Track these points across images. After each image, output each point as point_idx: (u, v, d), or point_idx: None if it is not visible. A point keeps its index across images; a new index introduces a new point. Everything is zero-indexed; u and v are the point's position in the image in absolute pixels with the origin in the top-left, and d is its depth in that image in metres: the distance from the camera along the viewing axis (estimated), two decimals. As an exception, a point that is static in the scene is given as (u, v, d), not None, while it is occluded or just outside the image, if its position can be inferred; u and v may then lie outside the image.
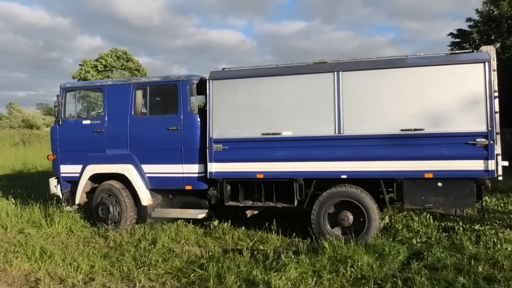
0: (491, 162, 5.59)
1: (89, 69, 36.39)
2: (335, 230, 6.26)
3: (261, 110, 6.45)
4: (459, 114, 5.71)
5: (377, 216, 6.08)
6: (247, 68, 6.79)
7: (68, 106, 7.72)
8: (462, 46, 22.42)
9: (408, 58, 6.08)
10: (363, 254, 5.28)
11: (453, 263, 5.03)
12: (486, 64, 5.64)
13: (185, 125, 6.81)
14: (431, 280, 4.53)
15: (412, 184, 5.94)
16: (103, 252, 6.03)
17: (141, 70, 39.53)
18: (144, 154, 7.08)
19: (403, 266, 5.11)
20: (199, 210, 7.03)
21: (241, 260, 5.32)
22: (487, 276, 4.63)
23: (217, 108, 6.64)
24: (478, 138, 5.62)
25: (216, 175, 6.68)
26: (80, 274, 5.14)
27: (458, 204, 5.91)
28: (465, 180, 5.77)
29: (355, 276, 4.86)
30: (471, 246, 5.65)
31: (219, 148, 6.59)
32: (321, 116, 6.19)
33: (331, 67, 6.22)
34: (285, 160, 6.33)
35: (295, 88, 6.33)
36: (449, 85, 5.75)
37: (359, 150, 6.04)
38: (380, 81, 6.02)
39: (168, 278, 5.08)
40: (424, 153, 5.81)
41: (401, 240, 6.18)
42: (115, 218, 7.22)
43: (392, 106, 5.95)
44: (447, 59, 5.88)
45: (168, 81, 7.05)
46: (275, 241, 6.45)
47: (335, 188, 6.26)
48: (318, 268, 4.97)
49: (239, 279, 4.76)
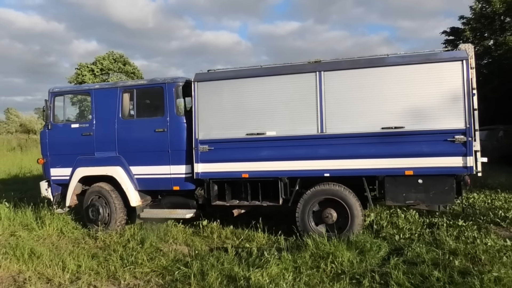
0: (470, 159, 5.69)
1: (85, 73, 36.48)
2: (319, 228, 6.36)
3: (245, 111, 6.56)
4: (438, 111, 5.81)
5: (360, 213, 6.19)
6: (231, 69, 6.90)
7: (57, 110, 7.83)
8: (456, 44, 22.52)
9: (389, 57, 6.19)
10: (344, 251, 5.39)
11: (431, 258, 5.13)
12: (464, 62, 5.74)
13: (171, 127, 6.93)
14: (407, 275, 4.64)
15: (393, 181, 6.05)
16: (92, 253, 6.14)
17: (137, 73, 39.61)
18: (132, 156, 7.19)
19: (383, 262, 5.22)
20: (187, 210, 7.14)
21: (225, 258, 5.43)
22: (462, 270, 4.74)
23: (202, 110, 6.75)
24: (456, 135, 5.72)
25: (202, 175, 6.79)
26: (67, 274, 5.25)
27: (438, 200, 6.01)
28: (444, 176, 5.87)
29: (335, 271, 4.97)
30: (451, 242, 5.75)
31: (205, 149, 6.71)
32: (304, 116, 6.30)
33: (313, 67, 6.33)
34: (270, 159, 6.44)
35: (279, 88, 6.44)
36: (429, 83, 5.85)
37: (341, 148, 6.15)
38: (361, 80, 6.13)
39: (153, 276, 5.19)
40: (404, 150, 5.92)
41: (384, 237, 6.30)
42: (105, 219, 7.33)
43: (373, 105, 6.05)
44: (426, 58, 5.99)
45: (154, 83, 7.17)
46: (261, 239, 6.56)
47: (319, 186, 6.37)
48: (299, 264, 5.09)
49: (221, 275, 4.88)
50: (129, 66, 39.36)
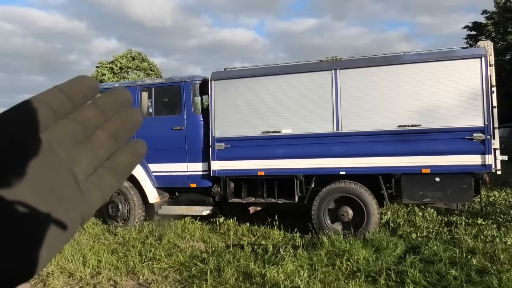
0: (488, 157, 5.62)
1: (105, 72, 37.06)
2: (335, 225, 6.38)
3: (261, 109, 6.61)
4: (456, 109, 5.76)
5: (376, 211, 6.17)
6: (248, 68, 6.97)
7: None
8: (478, 39, 22.06)
9: (405, 55, 6.16)
10: (360, 248, 5.40)
11: (448, 256, 5.10)
12: (483, 59, 5.67)
13: (189, 125, 7.03)
14: (423, 273, 4.62)
15: (410, 179, 6.02)
16: (111, 248, 6.30)
17: (156, 70, 40.02)
18: (150, 154, 7.31)
19: (400, 260, 5.21)
20: (204, 207, 7.24)
21: (241, 255, 5.50)
22: (480, 269, 4.70)
23: (219, 108, 6.83)
24: (475, 133, 5.66)
25: (219, 173, 6.88)
26: (88, 269, 5.41)
27: (456, 198, 5.96)
28: (462, 174, 5.81)
29: (350, 269, 4.99)
30: (470, 240, 5.69)
31: (222, 146, 6.79)
32: (319, 114, 6.31)
33: (328, 65, 6.33)
34: (285, 157, 6.48)
35: (294, 86, 6.47)
36: (446, 81, 5.80)
37: (357, 146, 6.15)
38: (377, 78, 6.11)
39: (170, 271, 5.30)
40: (421, 148, 5.88)
41: (401, 235, 6.27)
42: (124, 216, 7.50)
43: (389, 103, 6.03)
44: (444, 55, 5.93)
45: (172, 82, 7.28)
46: (277, 236, 6.61)
47: (335, 184, 6.38)
48: (315, 261, 5.12)
49: (237, 272, 4.95)
50: (147, 63, 39.77)
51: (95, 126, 0.37)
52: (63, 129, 0.35)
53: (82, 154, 0.36)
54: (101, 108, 0.38)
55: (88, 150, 0.36)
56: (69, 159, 0.35)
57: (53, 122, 0.35)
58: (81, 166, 0.36)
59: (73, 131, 0.36)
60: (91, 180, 0.36)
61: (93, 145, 0.37)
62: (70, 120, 0.36)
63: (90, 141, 0.37)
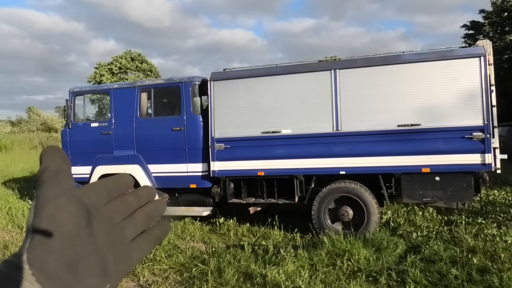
0: (488, 156, 5.63)
1: (103, 72, 37.02)
2: (335, 225, 6.38)
3: (261, 109, 6.61)
4: (455, 108, 5.76)
5: (376, 210, 6.18)
6: (247, 68, 6.97)
7: (77, 110, 8.01)
8: (476, 38, 22.09)
9: (404, 54, 6.16)
10: (361, 248, 5.39)
11: (449, 255, 5.10)
12: (482, 58, 5.67)
13: (188, 125, 7.02)
14: (424, 272, 4.63)
15: (410, 178, 6.02)
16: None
17: (154, 71, 40.00)
18: (150, 155, 7.32)
19: (400, 259, 5.21)
20: (204, 208, 7.23)
21: (242, 255, 5.49)
22: (481, 268, 4.70)
23: (218, 108, 6.82)
24: (474, 132, 5.67)
25: (219, 173, 6.87)
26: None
27: (456, 197, 5.96)
28: (462, 174, 5.81)
29: (351, 269, 4.99)
30: (470, 239, 5.70)
31: (221, 147, 6.78)
32: (319, 114, 6.31)
33: (328, 65, 6.34)
34: (285, 157, 6.48)
35: (294, 87, 6.47)
36: (445, 80, 5.80)
37: (357, 146, 6.15)
38: (377, 78, 6.11)
39: (171, 273, 5.29)
40: (421, 148, 5.88)
41: (401, 235, 6.27)
42: (124, 217, 7.47)
43: (389, 103, 6.03)
44: (443, 55, 5.93)
45: (171, 83, 7.27)
46: (277, 237, 6.61)
47: (335, 184, 6.38)
48: (315, 261, 5.12)
49: (238, 273, 4.95)
50: (146, 64, 39.76)
51: (135, 208, 0.50)
52: (116, 205, 0.48)
53: (128, 225, 0.48)
54: (138, 196, 0.51)
55: (132, 223, 0.48)
56: (121, 226, 0.47)
57: (108, 200, 0.47)
58: (129, 233, 0.48)
59: (122, 208, 0.48)
60: (133, 244, 0.48)
61: (135, 221, 0.49)
62: (119, 201, 0.48)
63: (132, 218, 0.49)
